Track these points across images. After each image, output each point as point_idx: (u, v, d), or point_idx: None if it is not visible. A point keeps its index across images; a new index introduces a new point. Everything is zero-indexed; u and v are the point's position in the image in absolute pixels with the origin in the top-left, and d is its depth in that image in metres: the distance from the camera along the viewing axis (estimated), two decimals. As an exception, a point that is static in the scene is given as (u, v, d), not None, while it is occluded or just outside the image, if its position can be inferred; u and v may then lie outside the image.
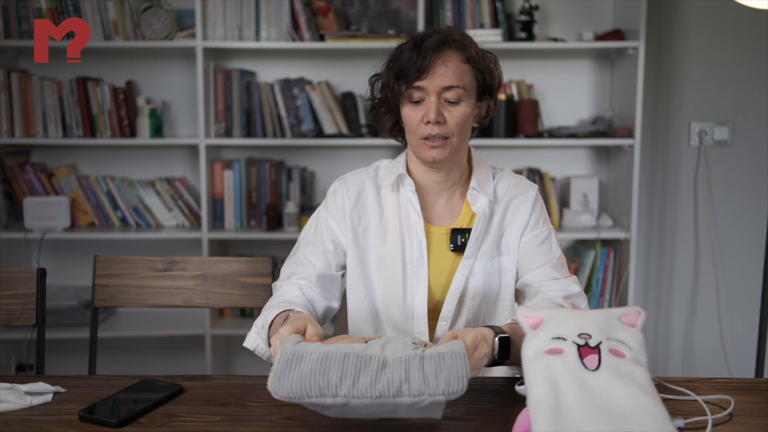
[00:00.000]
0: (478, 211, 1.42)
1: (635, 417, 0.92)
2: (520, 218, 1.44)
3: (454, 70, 1.33)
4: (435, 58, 1.32)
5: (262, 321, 1.29)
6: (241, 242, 2.98)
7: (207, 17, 2.68)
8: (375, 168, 1.50)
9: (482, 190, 1.43)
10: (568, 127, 2.83)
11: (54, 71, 2.80)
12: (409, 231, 1.42)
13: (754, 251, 2.88)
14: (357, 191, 1.45)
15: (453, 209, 1.46)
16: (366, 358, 0.96)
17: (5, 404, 1.11)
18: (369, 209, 1.45)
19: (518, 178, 1.50)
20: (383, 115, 1.44)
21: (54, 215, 2.73)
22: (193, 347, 2.90)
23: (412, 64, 1.32)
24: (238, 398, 1.18)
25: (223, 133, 2.76)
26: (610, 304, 2.80)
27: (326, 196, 1.49)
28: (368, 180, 1.47)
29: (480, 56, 1.37)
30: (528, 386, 0.98)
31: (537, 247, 1.44)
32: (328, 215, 1.46)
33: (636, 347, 1.01)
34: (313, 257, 1.43)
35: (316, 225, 1.47)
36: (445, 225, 1.45)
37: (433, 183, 1.44)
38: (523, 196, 1.46)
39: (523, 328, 1.08)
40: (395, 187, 1.45)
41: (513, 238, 1.44)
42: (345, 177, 1.49)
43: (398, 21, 2.77)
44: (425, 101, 1.34)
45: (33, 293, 1.55)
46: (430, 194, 1.46)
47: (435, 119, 1.32)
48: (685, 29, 2.88)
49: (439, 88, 1.32)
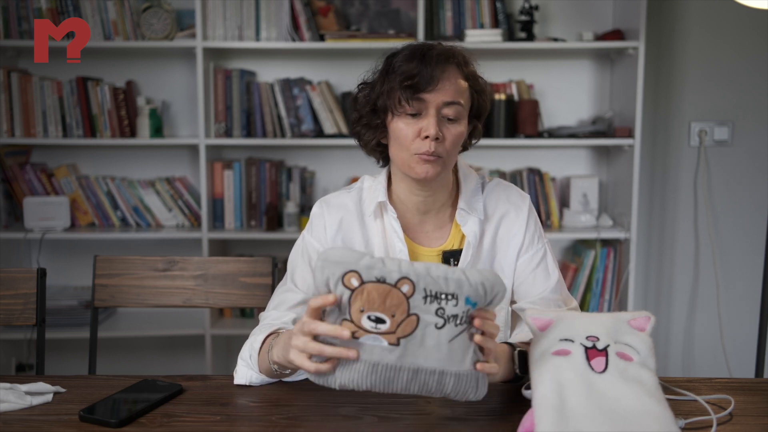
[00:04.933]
0: (468, 233, 1.35)
1: (640, 420, 0.92)
2: (514, 239, 1.38)
3: (456, 86, 1.26)
4: (440, 69, 1.24)
5: (248, 351, 1.22)
6: (241, 242, 2.98)
7: (207, 17, 2.68)
8: (358, 190, 1.41)
9: (471, 209, 1.36)
10: (568, 127, 2.83)
11: (54, 71, 2.80)
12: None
13: (754, 251, 2.88)
14: (339, 217, 1.37)
15: (442, 230, 1.38)
16: (395, 369, 0.98)
17: (5, 404, 1.11)
18: (354, 237, 1.37)
19: (508, 189, 1.41)
20: (365, 129, 1.34)
21: (54, 215, 2.72)
22: (193, 347, 2.90)
23: (419, 73, 1.23)
24: (238, 398, 1.18)
25: (223, 133, 2.76)
26: (610, 304, 2.80)
27: (310, 218, 1.41)
28: (351, 205, 1.38)
29: (477, 76, 1.32)
30: (533, 386, 0.98)
31: (534, 270, 1.37)
32: (313, 239, 1.38)
33: (644, 351, 1.01)
34: (302, 283, 1.35)
35: (302, 250, 1.39)
36: (436, 246, 1.38)
37: (419, 203, 1.36)
38: (515, 213, 1.39)
39: (531, 329, 1.08)
40: (378, 214, 1.37)
41: (508, 260, 1.38)
42: (327, 200, 1.40)
43: (398, 21, 2.77)
44: (423, 115, 1.25)
45: (33, 293, 1.55)
46: (417, 216, 1.37)
47: (435, 135, 1.23)
48: (685, 29, 2.88)
49: (441, 103, 1.25)
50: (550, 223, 2.86)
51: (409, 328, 0.98)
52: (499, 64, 2.88)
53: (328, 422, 1.08)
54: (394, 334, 0.98)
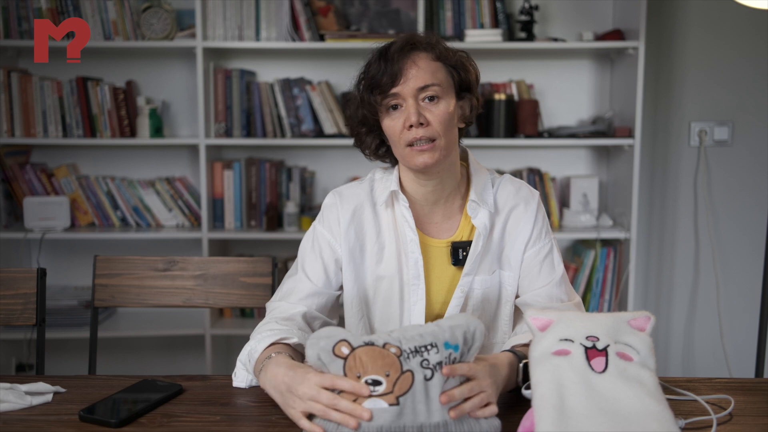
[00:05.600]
0: (478, 225, 1.36)
1: (640, 420, 0.92)
2: (522, 232, 1.39)
3: (425, 69, 1.28)
4: (403, 62, 1.28)
5: (247, 356, 1.22)
6: (241, 242, 2.98)
7: (207, 17, 2.68)
8: (370, 181, 1.43)
9: (482, 201, 1.37)
10: (568, 127, 2.83)
11: (54, 71, 2.80)
12: (405, 248, 1.37)
13: (754, 251, 2.88)
14: (353, 207, 1.39)
15: (451, 221, 1.40)
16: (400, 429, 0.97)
17: (5, 404, 1.11)
18: (365, 226, 1.39)
19: (519, 185, 1.43)
20: (365, 136, 1.39)
21: (54, 215, 2.72)
22: (193, 347, 2.90)
23: (383, 73, 1.28)
24: (238, 398, 1.18)
25: (223, 133, 2.76)
26: (610, 304, 2.80)
27: (321, 209, 1.43)
28: (364, 195, 1.41)
29: (450, 53, 1.33)
30: (533, 386, 0.98)
31: (540, 264, 1.39)
32: (324, 229, 1.40)
33: (644, 351, 1.01)
34: (312, 274, 1.38)
35: (313, 240, 1.41)
36: (445, 238, 1.39)
37: (427, 194, 1.38)
38: (524, 207, 1.40)
39: (531, 329, 1.08)
40: (389, 203, 1.39)
41: (515, 253, 1.39)
42: (340, 191, 1.42)
43: (398, 21, 2.77)
44: (403, 107, 1.29)
45: (33, 293, 1.55)
46: (426, 206, 1.39)
47: (417, 121, 1.27)
48: (685, 29, 2.88)
49: (414, 90, 1.28)
50: (550, 223, 2.84)
51: (405, 385, 0.99)
52: (499, 64, 2.88)
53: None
54: (392, 393, 0.98)
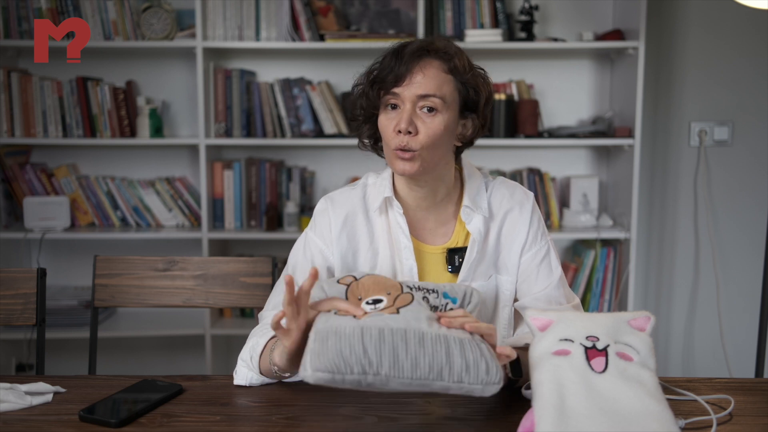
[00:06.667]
0: (473, 231, 1.34)
1: (640, 420, 0.92)
2: (518, 236, 1.37)
3: (432, 79, 1.24)
4: (413, 65, 1.25)
5: (249, 352, 1.22)
6: (241, 242, 2.98)
7: (207, 17, 2.68)
8: (362, 186, 1.40)
9: (476, 206, 1.35)
10: (568, 127, 2.83)
11: (54, 71, 2.80)
12: (400, 255, 1.34)
13: (754, 251, 2.88)
14: (345, 213, 1.36)
15: (446, 227, 1.37)
16: (401, 332, 0.97)
17: (5, 404, 1.11)
18: (358, 232, 1.36)
19: (512, 187, 1.41)
20: (362, 124, 1.36)
21: (54, 215, 2.72)
22: (193, 347, 2.90)
23: (390, 70, 1.25)
24: (238, 398, 1.18)
25: (223, 133, 2.76)
26: (610, 304, 2.80)
27: (313, 215, 1.40)
28: (357, 201, 1.38)
29: (466, 69, 1.28)
30: (534, 386, 0.98)
31: (537, 267, 1.36)
32: (316, 236, 1.37)
33: (644, 351, 1.01)
34: (302, 281, 1.33)
35: (304, 247, 1.38)
36: (439, 244, 1.37)
37: (419, 200, 1.35)
38: (519, 210, 1.37)
39: (531, 329, 1.08)
40: (383, 209, 1.36)
41: (512, 257, 1.37)
42: (332, 196, 1.39)
43: (398, 21, 2.77)
44: (400, 109, 1.26)
45: (33, 293, 1.55)
46: (420, 212, 1.36)
47: (406, 128, 1.23)
48: (685, 29, 2.88)
49: (414, 96, 1.24)
50: (550, 223, 2.86)
51: (406, 300, 1.05)
52: (499, 64, 2.88)
53: (328, 422, 1.08)
54: (393, 306, 1.04)
